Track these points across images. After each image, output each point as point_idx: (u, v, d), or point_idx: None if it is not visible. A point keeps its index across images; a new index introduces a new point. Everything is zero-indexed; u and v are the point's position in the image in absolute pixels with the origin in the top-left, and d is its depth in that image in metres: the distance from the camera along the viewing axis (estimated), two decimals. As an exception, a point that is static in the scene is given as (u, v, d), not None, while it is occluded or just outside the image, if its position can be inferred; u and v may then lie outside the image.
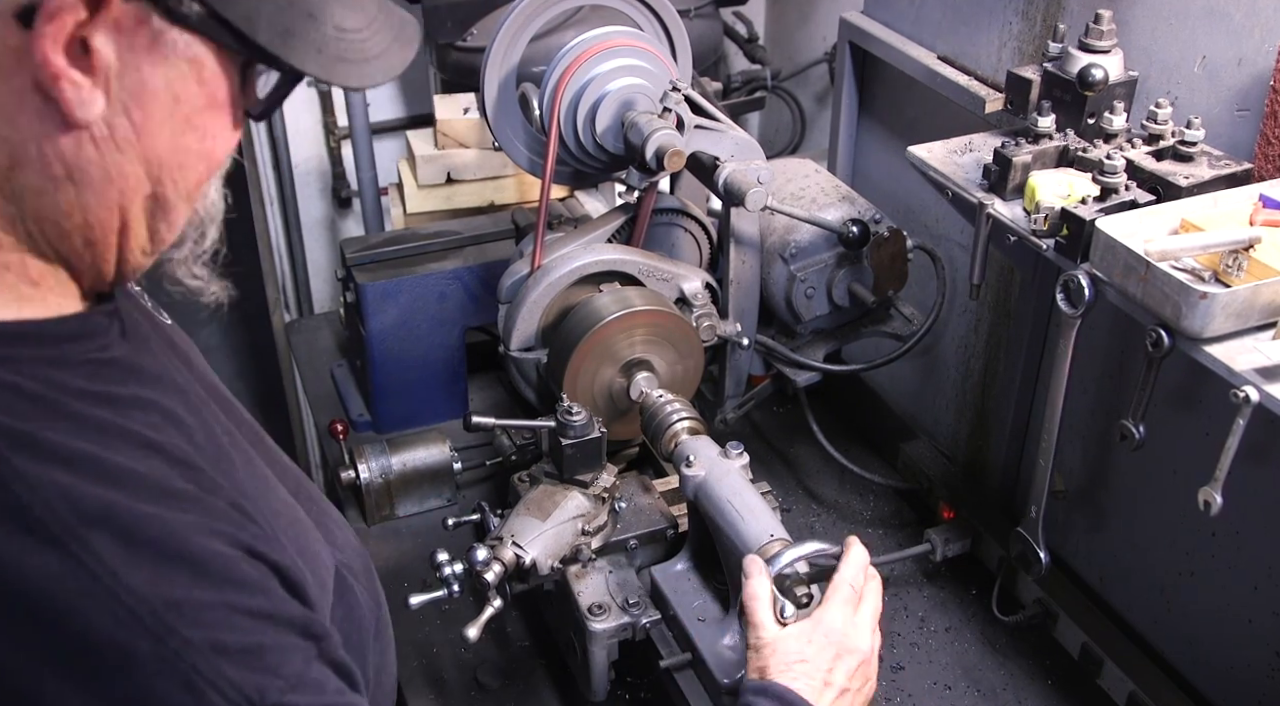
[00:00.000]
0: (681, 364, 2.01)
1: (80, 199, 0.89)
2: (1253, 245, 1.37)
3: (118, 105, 0.86)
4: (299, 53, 0.89)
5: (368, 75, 0.94)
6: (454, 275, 2.40)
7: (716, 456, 1.72)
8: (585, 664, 1.81)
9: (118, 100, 0.86)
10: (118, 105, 0.86)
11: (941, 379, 2.41)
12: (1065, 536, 2.06)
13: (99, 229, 0.92)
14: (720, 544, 1.66)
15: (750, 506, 1.63)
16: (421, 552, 2.18)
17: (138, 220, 0.93)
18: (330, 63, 0.91)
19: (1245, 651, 1.75)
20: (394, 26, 0.97)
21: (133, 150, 0.89)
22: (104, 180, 0.89)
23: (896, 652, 2.04)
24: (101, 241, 0.93)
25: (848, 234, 2.00)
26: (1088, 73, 1.64)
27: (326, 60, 0.91)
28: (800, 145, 3.66)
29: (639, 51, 1.98)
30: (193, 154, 0.93)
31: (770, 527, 1.59)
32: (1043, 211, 1.59)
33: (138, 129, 0.88)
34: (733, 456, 1.72)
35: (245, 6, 0.86)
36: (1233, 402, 1.33)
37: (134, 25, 0.84)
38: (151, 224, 0.95)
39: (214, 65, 0.89)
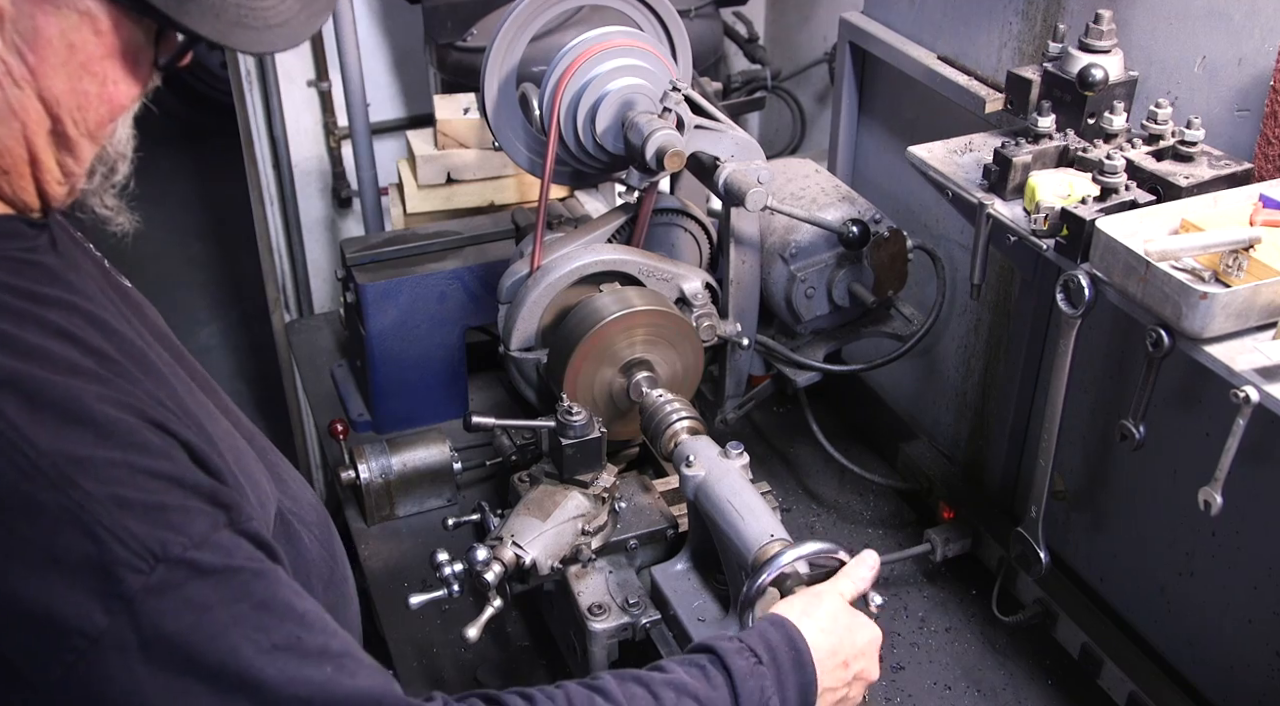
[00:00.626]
0: (681, 364, 2.01)
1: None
2: (1253, 245, 1.37)
3: (12, 47, 0.94)
4: (194, 15, 0.95)
5: (266, 41, 0.99)
6: (454, 275, 2.40)
7: (716, 456, 1.72)
8: (585, 664, 1.81)
9: (12, 42, 0.94)
10: (12, 47, 0.94)
11: (941, 379, 2.41)
12: (1065, 536, 2.06)
13: (8, 157, 1.00)
14: (720, 544, 1.66)
15: (750, 506, 1.63)
16: (421, 552, 2.18)
17: (45, 152, 1.01)
18: (227, 27, 0.96)
19: (1245, 651, 1.75)
20: None
21: (30, 87, 0.96)
22: (7, 112, 0.97)
23: (897, 652, 2.04)
24: (14, 170, 1.01)
25: (848, 234, 2.00)
26: (1088, 73, 1.64)
27: (223, 25, 0.96)
28: (800, 145, 3.66)
29: (639, 51, 1.98)
30: (92, 97, 1.00)
31: (770, 528, 1.59)
32: (1043, 211, 1.59)
33: (32, 70, 0.96)
34: (733, 456, 1.72)
35: None
36: (1233, 402, 1.33)
37: None
38: (59, 157, 1.02)
39: (109, 19, 0.96)
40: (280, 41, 1.00)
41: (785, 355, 2.13)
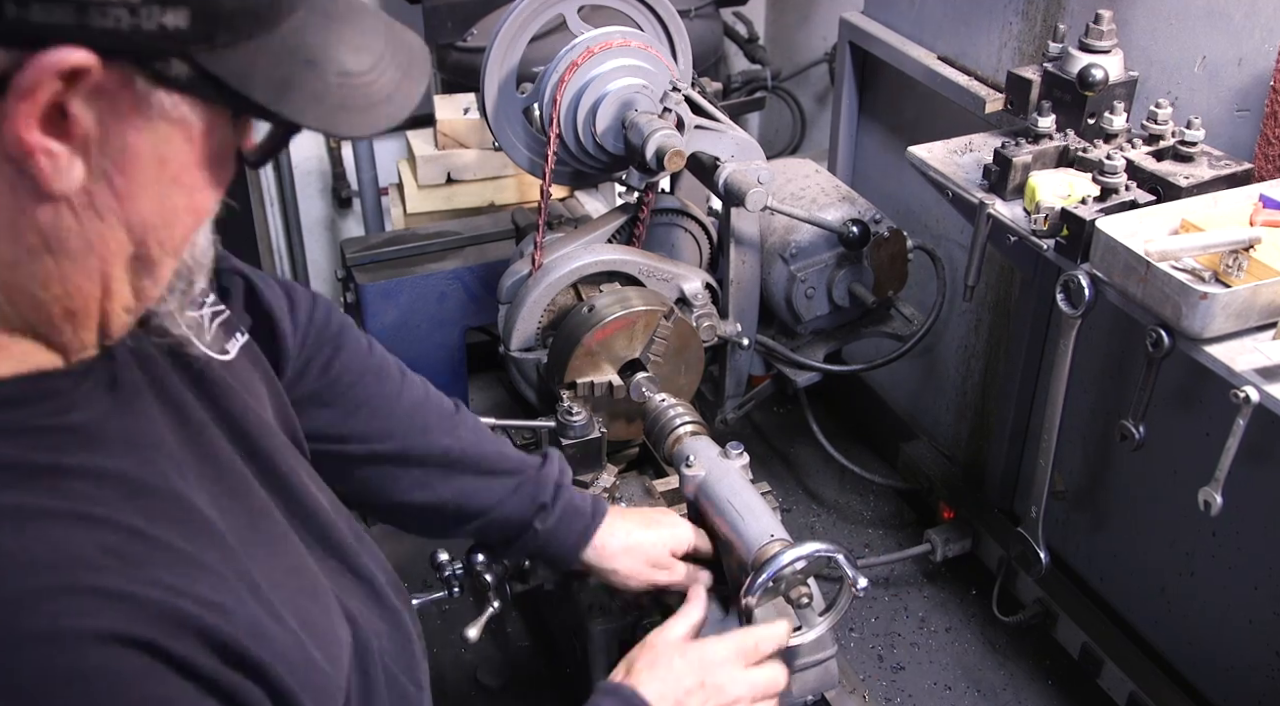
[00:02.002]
0: (682, 364, 2.01)
1: (59, 269, 0.82)
2: (1253, 245, 1.37)
3: (98, 172, 0.79)
4: (296, 105, 0.82)
5: (370, 123, 0.87)
6: (454, 275, 2.40)
7: (716, 456, 1.71)
8: (585, 664, 1.81)
9: (98, 167, 0.79)
10: (98, 172, 0.79)
11: (941, 379, 2.41)
12: (1065, 536, 2.06)
13: (79, 297, 0.85)
14: (720, 544, 1.66)
15: (750, 506, 1.62)
16: (421, 552, 2.17)
17: (120, 282, 0.86)
18: (331, 112, 0.84)
19: (1245, 651, 1.75)
20: (402, 62, 0.90)
21: (114, 216, 0.82)
22: (84, 249, 0.82)
23: (897, 653, 2.04)
24: (82, 310, 0.86)
25: (848, 234, 2.00)
26: (1088, 73, 1.64)
27: (326, 111, 0.84)
28: (800, 145, 3.66)
29: (639, 51, 1.97)
30: (180, 211, 0.86)
31: (770, 528, 1.59)
32: (1043, 211, 1.59)
33: (119, 195, 0.81)
34: (733, 456, 1.71)
35: (239, 61, 0.79)
36: (1233, 403, 1.33)
37: (116, 89, 0.77)
38: (135, 283, 0.87)
39: (203, 123, 0.82)
40: (384, 120, 0.87)
41: (785, 355, 2.13)
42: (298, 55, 0.82)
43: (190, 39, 0.76)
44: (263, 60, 0.80)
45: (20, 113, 0.73)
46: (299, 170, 3.73)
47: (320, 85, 0.83)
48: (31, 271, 0.81)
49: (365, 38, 0.87)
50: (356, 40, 0.86)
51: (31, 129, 0.74)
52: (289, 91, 0.82)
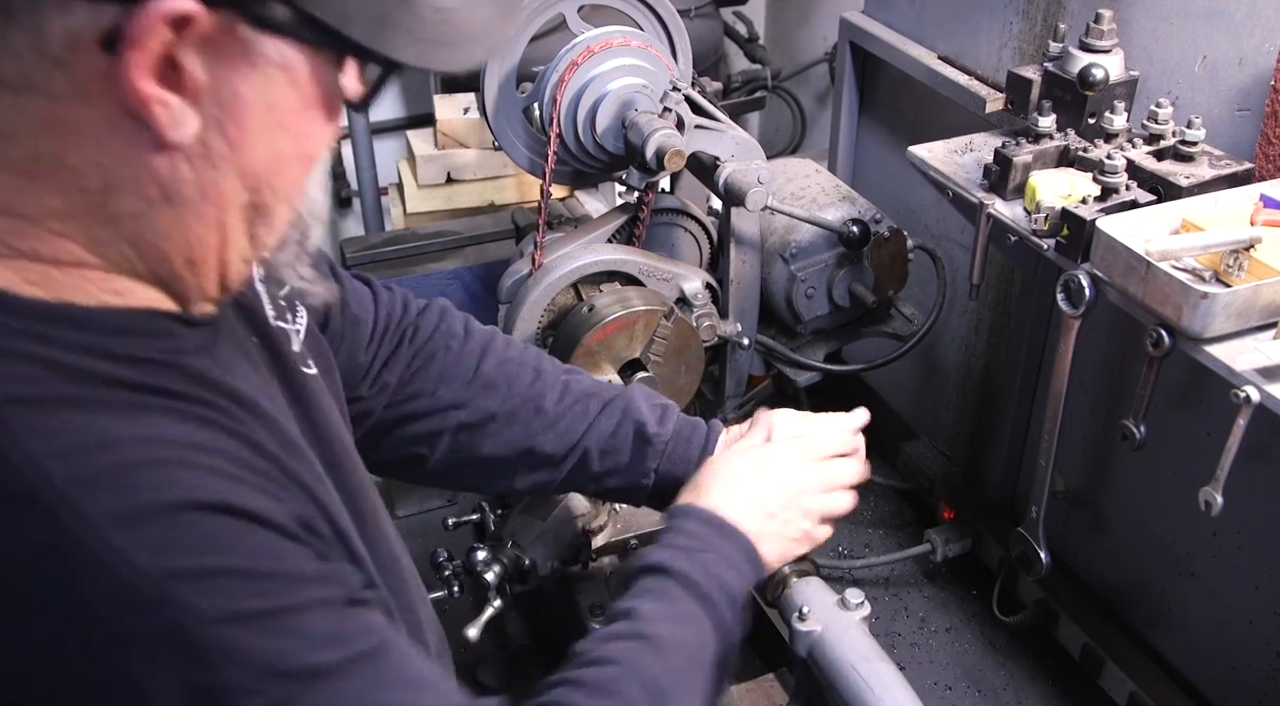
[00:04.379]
0: (682, 364, 2.01)
1: (179, 218, 0.86)
2: (1253, 245, 1.37)
3: (211, 121, 0.83)
4: (395, 42, 0.84)
5: (468, 56, 0.89)
6: (454, 275, 2.40)
7: (833, 607, 1.47)
8: (585, 664, 1.80)
9: (210, 116, 0.82)
10: (211, 121, 0.83)
11: (941, 379, 2.41)
12: (1066, 536, 2.05)
13: (199, 247, 0.88)
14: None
15: (881, 677, 1.40)
16: (421, 552, 2.17)
17: (237, 230, 0.90)
18: (429, 48, 0.86)
19: (1245, 651, 1.75)
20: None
21: (228, 164, 0.85)
22: (201, 198, 0.85)
23: (897, 653, 2.04)
24: (202, 259, 0.89)
25: (848, 234, 2.00)
26: (1088, 72, 1.64)
27: (424, 47, 0.86)
28: (800, 145, 3.66)
29: (639, 51, 1.98)
30: (290, 157, 0.89)
31: (906, 704, 1.38)
32: (1043, 211, 1.59)
33: (232, 143, 0.84)
34: (853, 607, 1.47)
35: (337, 1, 0.81)
36: (1233, 403, 1.33)
37: (222, 38, 0.80)
38: (251, 231, 0.91)
39: (307, 66, 0.85)
40: (480, 53, 0.90)
41: (785, 355, 2.13)
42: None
43: None
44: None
45: (134, 63, 0.77)
46: (299, 170, 3.72)
47: (415, 20, 0.85)
48: (153, 222, 0.85)
49: None
50: None
51: (147, 79, 0.78)
52: (385, 28, 0.83)
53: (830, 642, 1.43)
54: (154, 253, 0.87)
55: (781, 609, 1.51)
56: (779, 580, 1.52)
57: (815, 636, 1.44)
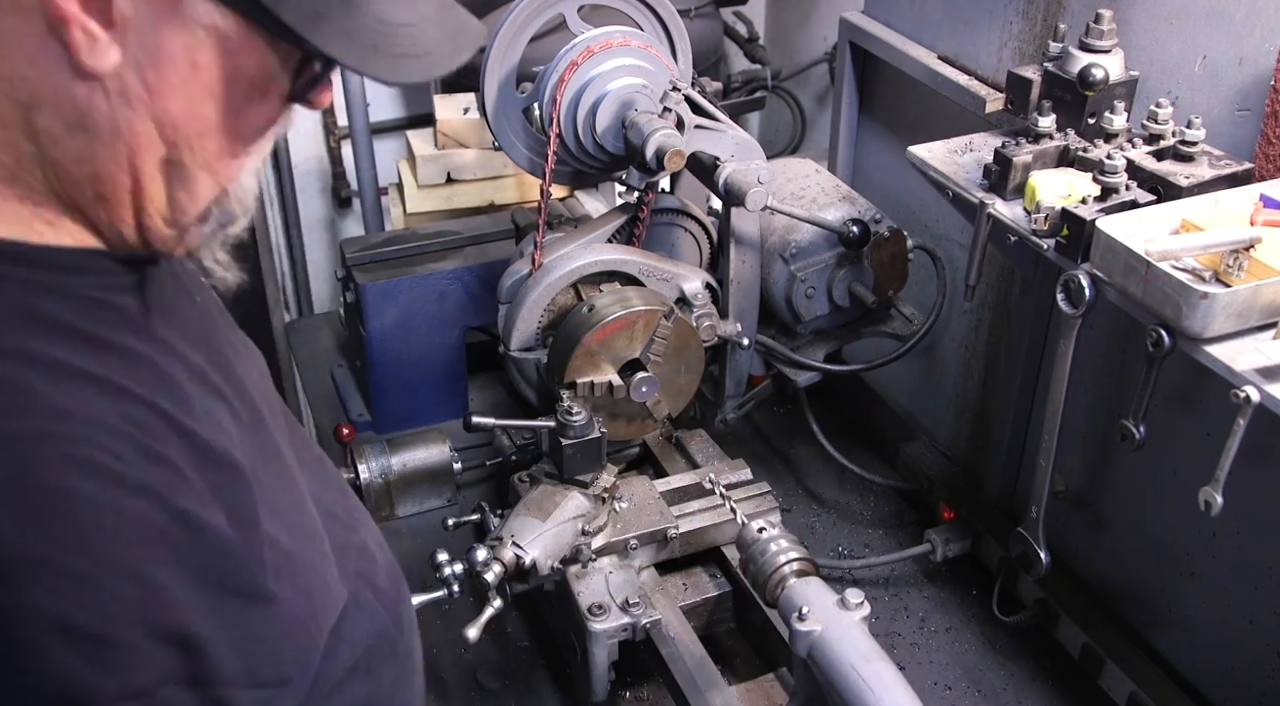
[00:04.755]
0: (682, 364, 2.01)
1: (90, 148, 0.88)
2: (1253, 245, 1.37)
3: (132, 61, 0.85)
4: (328, 37, 0.86)
5: (403, 70, 0.91)
6: (454, 275, 2.40)
7: (833, 606, 1.48)
8: (585, 664, 1.81)
9: (133, 56, 0.85)
10: (132, 61, 0.85)
11: (941, 379, 2.41)
12: (1066, 536, 2.05)
13: (108, 183, 0.90)
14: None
15: (880, 676, 1.41)
16: (421, 552, 2.18)
17: (153, 181, 0.91)
18: (362, 52, 0.88)
19: (1245, 651, 1.75)
20: (450, 30, 0.94)
21: (144, 108, 0.87)
22: (113, 133, 0.87)
23: (897, 653, 2.04)
24: (113, 197, 0.91)
25: (848, 234, 2.00)
26: (1088, 72, 1.64)
27: (358, 49, 0.88)
28: (800, 145, 3.66)
29: (639, 51, 1.98)
30: (212, 124, 0.91)
31: (904, 702, 1.39)
32: (1043, 211, 1.59)
33: (150, 88, 0.86)
34: (852, 607, 1.48)
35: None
36: (1233, 403, 1.33)
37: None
38: (170, 190, 0.92)
39: (239, 38, 0.87)
40: (418, 71, 0.91)
41: (785, 355, 2.13)
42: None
43: None
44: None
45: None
46: (299, 170, 3.73)
47: (353, 24, 0.87)
48: (68, 147, 0.87)
49: None
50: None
51: (75, 4, 0.80)
52: (320, 22, 0.85)
53: (830, 642, 1.43)
54: (67, 178, 0.89)
55: (781, 609, 1.51)
56: (779, 580, 1.53)
57: (815, 636, 1.44)
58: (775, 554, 1.55)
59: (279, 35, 0.88)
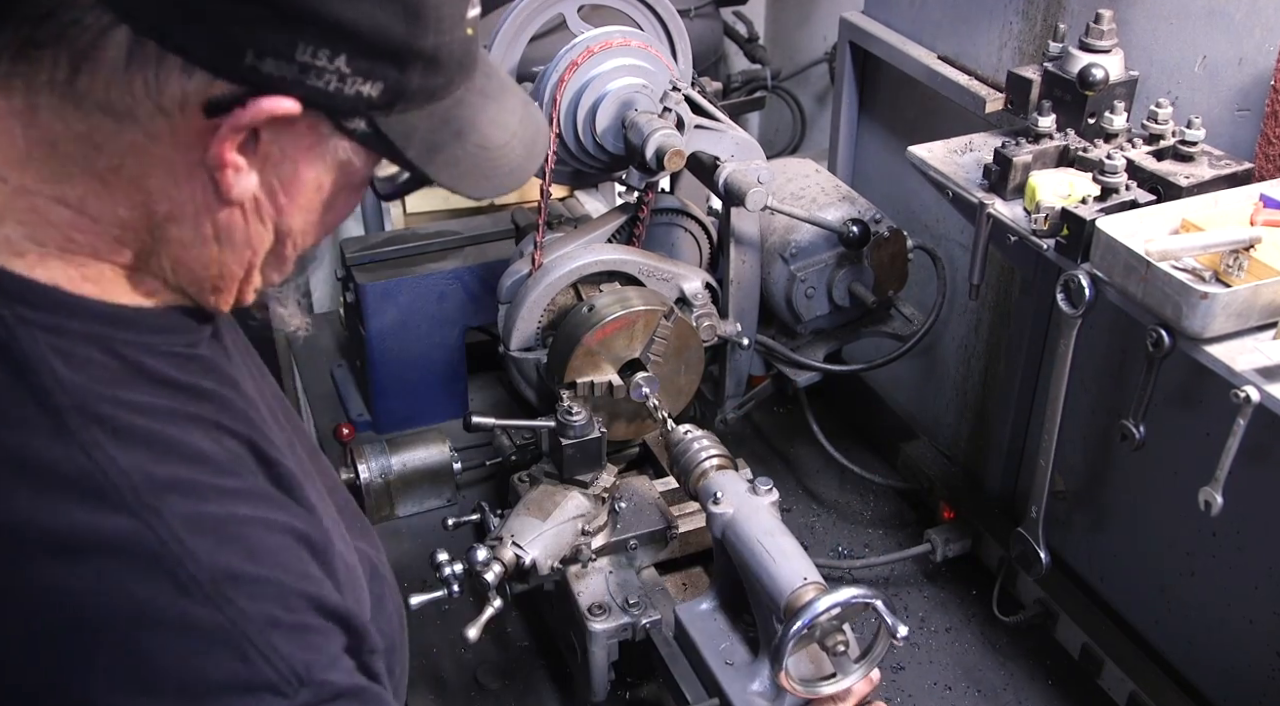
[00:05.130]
0: (682, 364, 2.01)
1: (221, 256, 0.98)
2: (1253, 245, 1.37)
3: (267, 187, 0.94)
4: (438, 166, 0.98)
5: (492, 188, 1.04)
6: (454, 275, 2.40)
7: (744, 493, 1.66)
8: (585, 664, 1.81)
9: (268, 183, 0.94)
10: (267, 187, 0.94)
11: (942, 379, 2.41)
12: (1066, 536, 2.05)
13: (228, 279, 1.01)
14: (750, 585, 1.61)
15: (782, 548, 1.57)
16: (421, 552, 2.18)
17: (258, 269, 1.02)
18: (463, 175, 1.00)
19: (1245, 651, 1.75)
20: (528, 141, 1.06)
21: (271, 222, 0.97)
22: (244, 244, 0.98)
23: (897, 653, 2.04)
24: (227, 289, 1.02)
25: (848, 234, 2.00)
26: (1088, 72, 1.64)
27: (459, 173, 1.00)
28: (800, 145, 3.66)
29: (639, 51, 1.98)
30: (317, 222, 1.01)
31: (803, 570, 1.54)
32: (1043, 211, 1.59)
33: (280, 209, 0.97)
34: (761, 493, 1.66)
35: (405, 126, 0.94)
36: (1233, 403, 1.33)
37: (304, 130, 0.91)
38: (267, 271, 1.03)
39: (361, 165, 0.97)
40: (507, 186, 1.05)
41: (785, 355, 2.13)
42: (450, 126, 0.98)
43: (377, 106, 0.91)
44: (423, 126, 0.96)
45: (229, 138, 0.88)
46: (299, 170, 3.71)
47: (460, 152, 0.99)
48: (198, 254, 0.97)
49: (506, 116, 1.04)
50: (499, 118, 1.02)
51: (231, 150, 0.89)
52: (436, 153, 0.98)
53: (740, 522, 1.61)
54: (189, 276, 0.99)
55: (699, 496, 1.71)
56: (700, 473, 1.71)
57: (728, 518, 1.63)
58: (698, 451, 1.73)
59: (399, 165, 0.99)
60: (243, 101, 0.86)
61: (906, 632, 1.47)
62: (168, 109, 0.87)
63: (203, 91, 0.86)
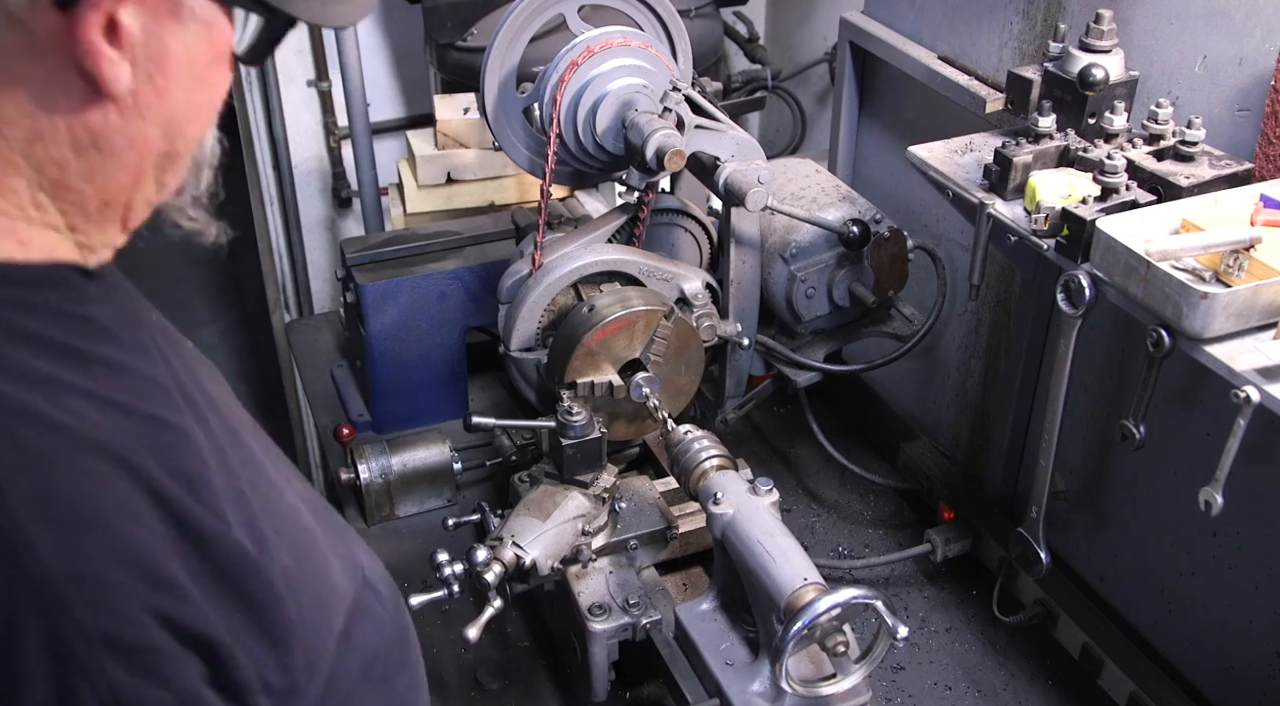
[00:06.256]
0: (681, 364, 2.01)
1: (103, 164, 0.90)
2: (1253, 245, 1.37)
3: (142, 74, 0.87)
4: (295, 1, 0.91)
5: (353, 13, 0.97)
6: (454, 275, 2.40)
7: (745, 493, 1.66)
8: (585, 664, 1.81)
9: (142, 69, 0.87)
10: (142, 74, 0.87)
11: (942, 379, 2.41)
12: (1066, 536, 2.05)
13: (114, 189, 0.92)
14: (750, 586, 1.61)
15: (782, 548, 1.57)
16: (421, 552, 2.18)
17: (148, 175, 0.94)
18: (322, 6, 0.93)
19: (1245, 651, 1.75)
20: None
21: (153, 114, 0.90)
22: (126, 146, 0.90)
23: (897, 653, 2.04)
24: (115, 201, 0.93)
25: (848, 234, 2.00)
26: (1088, 73, 1.64)
27: (317, 4, 0.93)
28: (800, 145, 3.66)
29: (639, 51, 1.97)
30: (202, 108, 0.94)
31: (803, 571, 1.54)
32: (1043, 211, 1.59)
33: (160, 94, 0.89)
34: (762, 493, 1.66)
35: None
36: (1233, 403, 1.33)
37: None
38: (159, 177, 0.95)
39: (224, 22, 0.91)
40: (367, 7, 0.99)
41: (785, 355, 2.13)
42: None
43: None
44: None
45: (89, 21, 0.81)
46: (299, 170, 3.72)
47: None
48: (78, 168, 0.89)
49: None
50: None
51: (98, 35, 0.82)
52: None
53: (740, 522, 1.60)
54: (71, 197, 0.90)
55: (700, 496, 1.70)
56: (700, 473, 1.71)
57: (728, 518, 1.62)
58: (698, 451, 1.73)
59: (255, 9, 0.92)
60: None
61: (906, 633, 1.47)
62: (15, 13, 0.80)
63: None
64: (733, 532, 1.62)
